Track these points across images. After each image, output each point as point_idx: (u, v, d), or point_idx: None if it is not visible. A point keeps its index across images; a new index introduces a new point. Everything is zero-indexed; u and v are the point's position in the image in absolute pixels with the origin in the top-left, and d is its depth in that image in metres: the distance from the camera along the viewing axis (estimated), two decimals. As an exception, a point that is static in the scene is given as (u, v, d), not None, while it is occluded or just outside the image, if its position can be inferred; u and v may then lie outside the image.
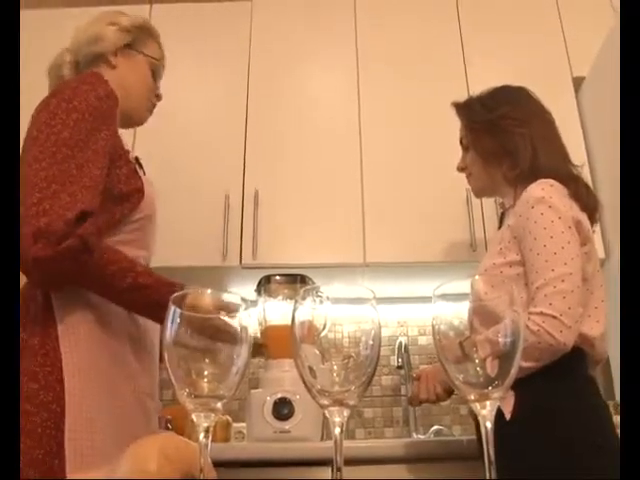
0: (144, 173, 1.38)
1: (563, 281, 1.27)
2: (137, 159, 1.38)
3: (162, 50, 1.53)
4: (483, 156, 1.55)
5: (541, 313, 1.25)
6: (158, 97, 1.51)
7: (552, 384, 1.27)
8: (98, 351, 1.16)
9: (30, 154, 1.14)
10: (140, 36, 1.45)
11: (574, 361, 1.30)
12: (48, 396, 1.07)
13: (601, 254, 2.06)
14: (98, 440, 1.09)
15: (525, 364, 1.24)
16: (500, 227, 1.56)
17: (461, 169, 1.65)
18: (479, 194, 1.69)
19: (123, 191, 1.23)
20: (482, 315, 0.61)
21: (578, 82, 2.35)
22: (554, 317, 1.24)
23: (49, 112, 1.19)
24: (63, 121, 1.16)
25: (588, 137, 2.27)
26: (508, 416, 1.25)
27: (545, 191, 1.37)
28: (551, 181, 1.39)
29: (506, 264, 1.38)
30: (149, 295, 1.15)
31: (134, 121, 1.48)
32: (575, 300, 1.27)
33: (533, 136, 1.48)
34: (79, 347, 1.13)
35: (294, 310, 0.62)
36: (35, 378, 1.07)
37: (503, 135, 1.51)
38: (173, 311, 0.59)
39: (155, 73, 1.48)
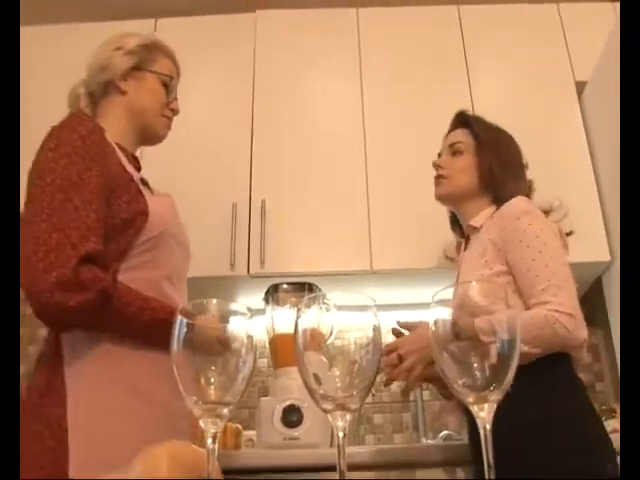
0: (152, 192, 1.37)
1: (566, 281, 1.35)
2: (142, 180, 1.36)
3: (175, 64, 1.52)
4: (481, 169, 1.58)
5: (556, 310, 1.30)
6: (174, 111, 1.51)
7: (542, 384, 1.31)
8: (108, 386, 1.16)
9: (29, 210, 1.16)
10: (147, 55, 1.45)
11: (565, 362, 1.36)
12: (53, 436, 1.09)
13: (606, 257, 2.07)
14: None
15: (533, 350, 1.28)
16: (466, 249, 1.60)
17: (438, 166, 1.65)
18: (446, 200, 1.67)
19: (124, 218, 1.23)
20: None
21: (581, 87, 2.36)
22: (569, 314, 1.30)
23: (39, 167, 1.21)
24: (53, 169, 1.18)
25: (591, 141, 2.27)
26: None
27: (528, 204, 1.48)
28: (526, 198, 1.51)
29: (494, 275, 1.42)
30: (166, 328, 1.15)
31: (152, 138, 1.50)
32: (577, 300, 1.34)
33: (517, 165, 1.61)
34: (85, 385, 1.14)
35: (297, 318, 0.64)
36: (39, 418, 1.10)
37: (505, 155, 1.59)
38: (180, 321, 0.61)
39: (168, 87, 1.48)
